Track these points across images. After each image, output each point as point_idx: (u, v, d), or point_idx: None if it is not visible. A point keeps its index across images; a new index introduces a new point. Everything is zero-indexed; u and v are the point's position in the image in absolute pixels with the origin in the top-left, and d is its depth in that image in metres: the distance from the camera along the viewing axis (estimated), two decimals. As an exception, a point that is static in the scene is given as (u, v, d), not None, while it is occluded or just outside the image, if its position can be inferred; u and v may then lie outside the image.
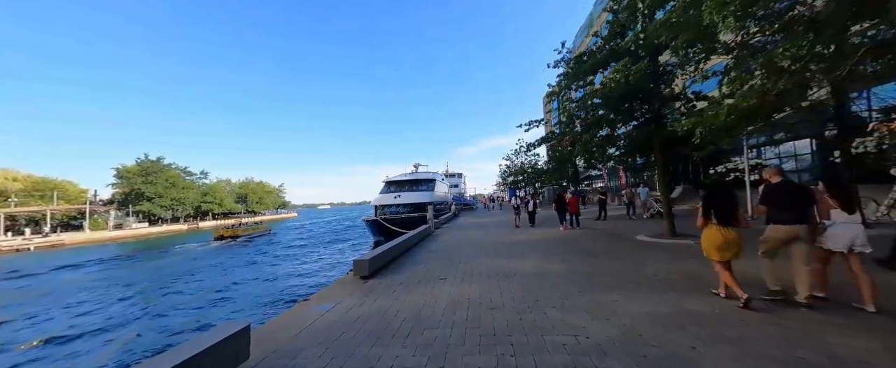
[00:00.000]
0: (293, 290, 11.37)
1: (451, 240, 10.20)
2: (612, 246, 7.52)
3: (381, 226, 20.05)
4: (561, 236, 9.65)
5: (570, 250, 7.20)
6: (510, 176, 40.96)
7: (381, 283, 5.22)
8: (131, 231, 45.52)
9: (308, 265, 16.79)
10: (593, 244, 7.85)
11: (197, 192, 60.18)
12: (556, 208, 11.37)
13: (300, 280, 13.27)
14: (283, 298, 10.35)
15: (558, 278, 4.90)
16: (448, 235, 11.74)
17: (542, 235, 9.91)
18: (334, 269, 15.05)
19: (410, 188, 27.57)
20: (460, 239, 10.24)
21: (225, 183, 73.47)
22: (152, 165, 50.60)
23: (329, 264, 16.72)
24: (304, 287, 11.76)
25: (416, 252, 8.26)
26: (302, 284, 12.30)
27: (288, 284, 12.60)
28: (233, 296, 11.20)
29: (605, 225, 11.53)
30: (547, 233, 10.29)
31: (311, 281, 12.73)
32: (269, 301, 10.25)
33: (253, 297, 10.92)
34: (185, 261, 20.27)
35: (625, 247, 7.14)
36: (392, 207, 24.80)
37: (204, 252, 24.96)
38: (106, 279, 15.60)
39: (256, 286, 12.59)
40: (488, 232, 12.19)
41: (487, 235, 11.02)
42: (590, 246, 7.62)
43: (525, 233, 10.59)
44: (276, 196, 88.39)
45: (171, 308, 10.23)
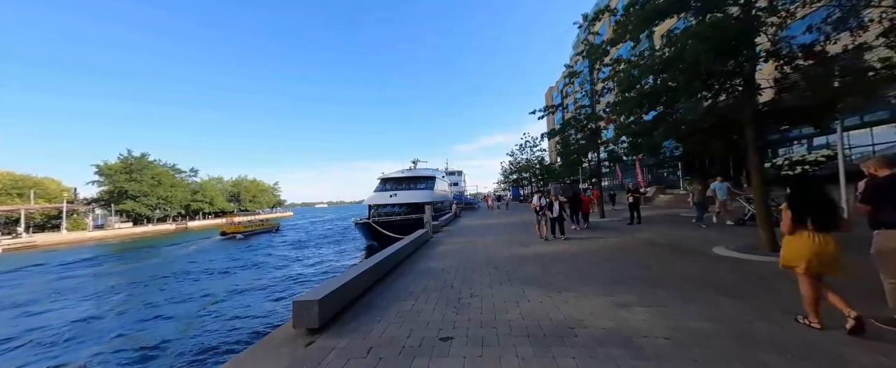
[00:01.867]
0: (233, 331, 8.08)
1: (453, 252, 7.86)
2: (701, 268, 5.14)
3: (373, 230, 17.69)
4: (607, 249, 7.28)
5: (640, 277, 4.84)
6: (514, 172, 38.65)
7: (338, 351, 2.90)
8: (113, 231, 43.11)
9: (280, 278, 14.42)
10: (667, 264, 5.48)
11: (186, 191, 57.69)
12: (570, 206, 10.58)
13: (258, 304, 10.82)
14: (218, 346, 7.17)
15: (664, 349, 2.57)
16: (450, 243, 9.42)
17: (579, 247, 7.52)
18: (317, 279, 12.74)
19: (408, 186, 25.18)
20: (466, 252, 7.89)
21: (216, 180, 70.99)
22: (137, 162, 48.08)
23: (311, 273, 14.39)
24: (244, 328, 8.30)
25: (405, 273, 5.92)
26: (251, 315, 9.30)
27: (239, 310, 9.96)
28: (157, 336, 8.12)
29: (651, 232, 9.18)
30: (584, 245, 7.84)
31: (263, 310, 10.22)
32: (197, 345, 7.21)
33: (181, 338, 7.90)
34: (151, 267, 17.92)
35: (723, 272, 4.79)
36: (387, 207, 22.45)
37: (180, 255, 22.61)
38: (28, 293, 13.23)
39: (204, 311, 10.07)
40: (500, 238, 9.84)
41: (502, 244, 8.68)
42: (666, 268, 5.23)
43: (554, 245, 8.06)
44: (270, 194, 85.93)
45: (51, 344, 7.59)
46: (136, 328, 8.69)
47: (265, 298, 10.84)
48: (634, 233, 9.06)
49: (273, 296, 10.99)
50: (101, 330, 8.60)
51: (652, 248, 6.75)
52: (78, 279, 15.80)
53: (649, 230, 9.46)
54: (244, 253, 22.37)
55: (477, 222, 16.49)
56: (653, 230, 9.42)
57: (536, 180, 30.35)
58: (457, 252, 7.86)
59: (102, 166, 45.11)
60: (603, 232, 9.59)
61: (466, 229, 13.17)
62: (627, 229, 9.93)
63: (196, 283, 13.58)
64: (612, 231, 9.78)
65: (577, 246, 7.54)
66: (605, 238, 8.63)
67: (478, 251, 7.81)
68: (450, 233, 11.97)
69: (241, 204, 75.27)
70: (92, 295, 12.47)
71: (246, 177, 79.27)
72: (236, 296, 11.17)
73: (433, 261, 6.88)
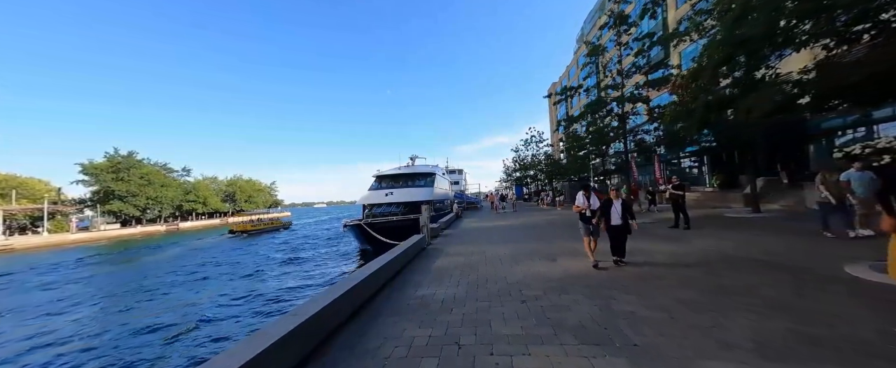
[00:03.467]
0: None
1: (458, 269, 5.85)
2: (869, 310, 3.14)
3: (364, 233, 15.67)
4: (680, 268, 5.26)
5: (794, 335, 2.83)
6: (517, 170, 36.64)
7: None
8: (98, 233, 41.15)
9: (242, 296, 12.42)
10: (811, 302, 3.47)
11: (178, 190, 55.73)
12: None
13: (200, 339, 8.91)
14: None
15: None
16: (452, 253, 7.41)
17: (640, 268, 5.48)
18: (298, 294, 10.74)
19: (405, 183, 23.12)
20: (475, 269, 5.89)
21: (210, 180, 69.02)
22: (125, 161, 46.09)
23: (288, 289, 12.38)
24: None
25: (384, 311, 3.91)
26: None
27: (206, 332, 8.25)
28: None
29: (722, 240, 7.15)
30: (643, 259, 5.74)
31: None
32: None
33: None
34: (126, 273, 15.98)
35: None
36: (382, 207, 20.43)
37: (158, 260, 20.63)
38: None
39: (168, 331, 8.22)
40: (518, 247, 7.80)
41: (522, 257, 6.66)
42: (815, 309, 3.22)
43: (622, 272, 4.84)
44: (267, 194, 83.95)
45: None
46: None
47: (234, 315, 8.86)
48: (697, 242, 7.02)
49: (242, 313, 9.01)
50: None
51: (756, 269, 4.69)
52: (31, 289, 13.83)
53: (715, 237, 7.41)
54: (230, 256, 20.39)
55: (482, 224, 14.48)
56: (720, 237, 7.35)
57: (545, 177, 28.26)
58: (462, 269, 5.84)
59: (87, 165, 43.10)
60: (651, 240, 7.57)
61: (471, 233, 11.16)
62: (683, 236, 7.88)
63: (163, 298, 11.61)
64: (663, 239, 7.74)
65: (634, 264, 5.51)
66: (661, 248, 6.61)
67: (491, 268, 5.78)
68: (451, 239, 9.96)
69: (237, 205, 73.41)
70: (46, 310, 10.49)
71: (241, 177, 77.30)
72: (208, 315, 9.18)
73: (429, 286, 4.87)
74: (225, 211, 70.29)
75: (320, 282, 12.16)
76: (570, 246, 7.51)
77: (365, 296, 4.15)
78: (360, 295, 3.99)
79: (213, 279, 14.18)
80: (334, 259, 18.22)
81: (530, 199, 40.24)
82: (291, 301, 9.98)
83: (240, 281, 13.55)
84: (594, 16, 53.73)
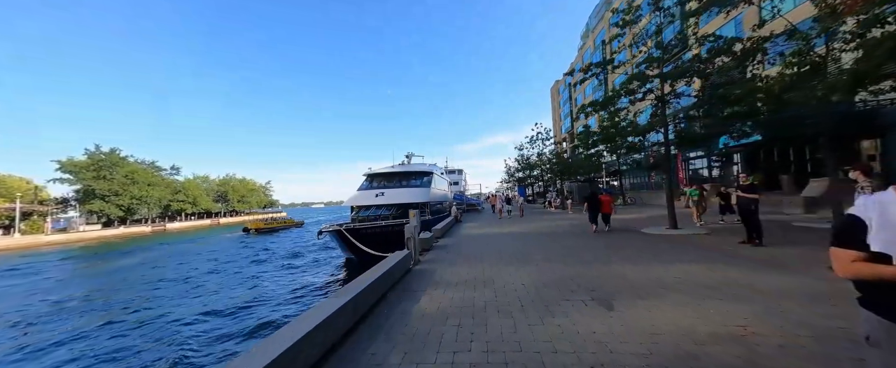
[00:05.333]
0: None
1: (453, 329, 3.47)
2: None
3: (345, 240, 13.30)
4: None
5: None
6: (521, 169, 34.32)
7: None
8: (76, 234, 38.82)
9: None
10: None
11: (165, 190, 53.37)
12: (589, 208, 9.87)
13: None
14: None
15: None
16: (445, 285, 5.04)
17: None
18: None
19: (399, 183, 20.77)
20: (487, 332, 3.55)
21: (202, 179, 66.63)
22: (107, 158, 43.74)
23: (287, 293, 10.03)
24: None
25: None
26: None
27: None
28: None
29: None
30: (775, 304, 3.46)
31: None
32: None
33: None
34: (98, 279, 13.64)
35: None
36: (372, 209, 18.10)
37: (131, 264, 18.26)
38: None
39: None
40: (543, 271, 5.43)
41: (570, 307, 4.33)
42: None
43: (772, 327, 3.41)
44: (261, 194, 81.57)
45: None
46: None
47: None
48: (813, 270, 4.68)
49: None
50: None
51: None
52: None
53: (820, 259, 5.08)
54: (207, 263, 18.04)
55: (486, 230, 12.14)
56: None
57: (554, 176, 25.90)
58: (460, 322, 3.48)
59: (65, 162, 40.74)
60: (733, 264, 5.22)
61: (474, 244, 8.82)
62: (774, 258, 5.55)
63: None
64: (752, 262, 5.40)
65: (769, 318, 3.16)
66: (769, 281, 4.27)
67: (508, 322, 3.41)
68: (448, 253, 7.62)
69: (229, 205, 71.06)
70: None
71: (234, 176, 74.88)
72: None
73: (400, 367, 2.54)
74: (216, 211, 67.94)
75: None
76: (619, 269, 5.17)
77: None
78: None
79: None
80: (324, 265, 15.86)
81: (534, 201, 37.91)
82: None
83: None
84: (600, 10, 51.61)
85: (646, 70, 8.74)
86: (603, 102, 9.34)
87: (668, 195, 9.15)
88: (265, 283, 12.85)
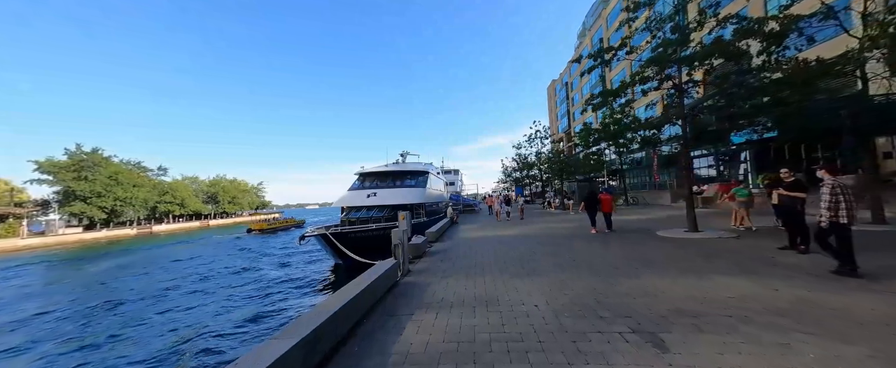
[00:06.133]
0: None
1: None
2: None
3: (331, 245, 12.21)
4: None
5: None
6: (519, 169, 33.42)
7: None
8: (55, 238, 37.08)
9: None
10: None
11: (152, 191, 51.62)
12: (586, 208, 9.74)
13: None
14: None
15: None
16: (438, 307, 3.99)
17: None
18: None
19: (393, 182, 19.72)
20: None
21: (191, 180, 64.83)
22: (90, 157, 41.99)
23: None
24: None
25: None
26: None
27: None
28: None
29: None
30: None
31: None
32: None
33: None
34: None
35: None
36: (363, 210, 17.04)
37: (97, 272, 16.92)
38: None
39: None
40: (558, 287, 4.40)
41: (607, 348, 3.34)
42: None
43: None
44: (252, 195, 79.76)
45: None
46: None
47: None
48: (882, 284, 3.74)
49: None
50: None
51: None
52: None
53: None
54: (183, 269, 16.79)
55: (486, 233, 11.14)
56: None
57: (554, 176, 25.01)
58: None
59: (44, 163, 38.95)
60: (803, 281, 4.30)
61: (472, 250, 7.81)
62: (836, 274, 4.63)
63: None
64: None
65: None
66: (836, 300, 3.33)
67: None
68: (443, 261, 6.60)
69: (220, 206, 69.24)
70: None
71: (224, 177, 73.03)
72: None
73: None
74: (206, 213, 66.13)
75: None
76: (652, 284, 4.19)
77: None
78: None
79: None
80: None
81: (533, 201, 37.05)
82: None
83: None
84: (597, 9, 51.08)
85: (664, 53, 7.81)
86: (614, 92, 8.42)
87: (688, 195, 8.24)
88: (226, 300, 10.73)
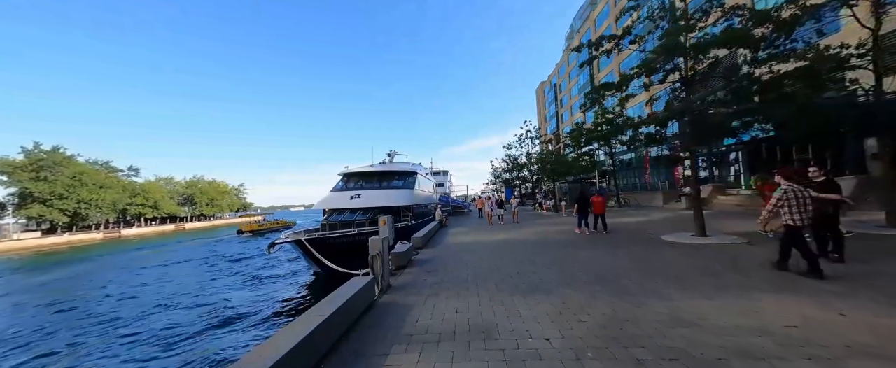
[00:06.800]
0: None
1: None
2: None
3: (307, 252, 11.09)
4: None
5: None
6: (509, 170, 32.89)
7: None
8: (7, 243, 34.07)
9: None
10: None
11: (121, 192, 48.53)
12: (578, 209, 9.64)
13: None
14: None
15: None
16: (422, 343, 3.13)
17: None
18: None
19: (379, 183, 18.65)
20: None
21: (165, 181, 61.57)
22: (49, 156, 38.97)
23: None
24: None
25: None
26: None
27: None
28: None
29: None
30: None
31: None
32: None
33: None
34: None
35: None
36: (345, 213, 15.95)
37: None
38: None
39: None
40: (574, 310, 3.55)
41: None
42: None
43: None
44: (232, 197, 76.60)
45: None
46: None
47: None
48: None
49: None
50: None
51: None
52: None
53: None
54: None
55: (478, 238, 10.29)
56: None
57: (546, 177, 24.47)
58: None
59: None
60: (872, 301, 3.60)
61: (464, 259, 6.92)
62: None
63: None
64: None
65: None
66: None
67: None
68: (430, 273, 5.69)
69: (197, 208, 66.03)
70: None
71: (202, 178, 69.80)
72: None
73: None
74: (182, 216, 62.91)
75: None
76: (685, 308, 3.36)
77: None
78: None
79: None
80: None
81: (523, 203, 36.58)
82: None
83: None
84: (585, 11, 51.43)
85: (674, 39, 7.15)
86: (617, 84, 7.76)
87: (696, 197, 7.62)
88: (157, 335, 8.05)
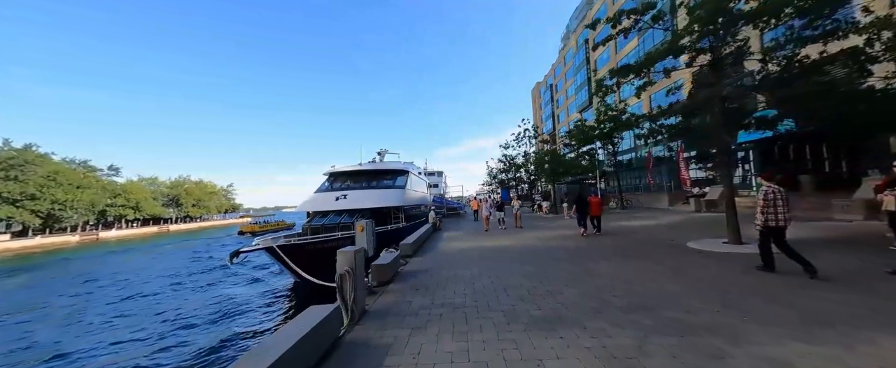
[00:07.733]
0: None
1: None
2: None
3: (281, 260, 9.82)
4: None
5: None
6: (505, 170, 31.91)
7: None
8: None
9: None
10: None
11: (100, 193, 46.30)
12: (577, 210, 9.88)
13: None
14: None
15: None
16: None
17: None
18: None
19: (368, 183, 17.37)
20: None
21: (149, 181, 59.22)
22: (20, 155, 36.79)
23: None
24: None
25: None
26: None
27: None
28: None
29: None
30: None
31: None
32: None
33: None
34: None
35: None
36: (330, 215, 14.70)
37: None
38: None
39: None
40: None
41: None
42: None
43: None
44: (220, 198, 74.29)
45: None
46: None
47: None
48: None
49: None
50: None
51: None
52: None
53: None
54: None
55: (476, 244, 9.15)
56: None
57: (545, 177, 23.48)
58: None
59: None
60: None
61: (461, 274, 5.76)
62: None
63: None
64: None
65: None
66: None
67: None
68: (419, 294, 4.52)
69: (182, 210, 63.71)
70: None
71: (188, 178, 67.47)
72: None
73: None
74: (166, 217, 60.57)
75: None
76: (777, 355, 2.27)
77: None
78: None
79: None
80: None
81: (521, 204, 35.64)
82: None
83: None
84: (581, 11, 50.90)
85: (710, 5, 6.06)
86: (638, 67, 6.73)
87: (730, 197, 6.60)
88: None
